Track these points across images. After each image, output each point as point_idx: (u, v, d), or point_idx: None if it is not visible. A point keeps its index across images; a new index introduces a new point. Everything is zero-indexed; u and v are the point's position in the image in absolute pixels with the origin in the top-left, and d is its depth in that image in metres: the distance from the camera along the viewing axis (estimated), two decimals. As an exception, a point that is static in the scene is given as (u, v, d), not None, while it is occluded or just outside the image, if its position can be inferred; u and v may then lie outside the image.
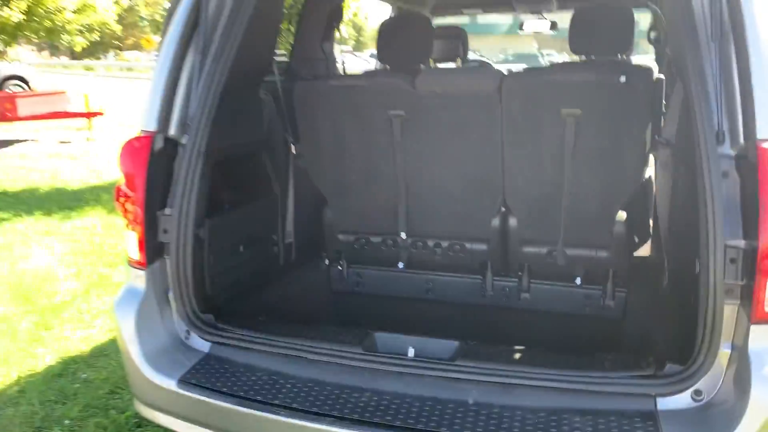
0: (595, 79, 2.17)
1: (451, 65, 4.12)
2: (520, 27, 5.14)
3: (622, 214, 2.36)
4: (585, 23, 2.74)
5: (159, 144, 2.01)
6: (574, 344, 2.19)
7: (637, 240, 2.56)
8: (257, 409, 1.78)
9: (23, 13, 12.62)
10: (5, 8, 12.24)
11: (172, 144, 2.04)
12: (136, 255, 2.02)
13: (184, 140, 2.03)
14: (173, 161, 2.04)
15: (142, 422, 2.62)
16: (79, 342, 3.42)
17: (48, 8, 13.40)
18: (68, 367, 3.14)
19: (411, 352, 1.88)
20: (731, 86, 1.59)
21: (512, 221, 2.45)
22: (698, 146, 1.61)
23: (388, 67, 3.00)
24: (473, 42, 4.65)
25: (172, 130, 2.04)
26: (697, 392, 1.63)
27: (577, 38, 2.73)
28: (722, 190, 1.56)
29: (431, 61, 3.95)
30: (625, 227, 2.36)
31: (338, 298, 2.79)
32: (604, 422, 1.62)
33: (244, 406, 1.80)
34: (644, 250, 2.84)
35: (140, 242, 2.01)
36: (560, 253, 2.38)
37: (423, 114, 2.34)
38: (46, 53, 48.86)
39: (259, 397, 1.81)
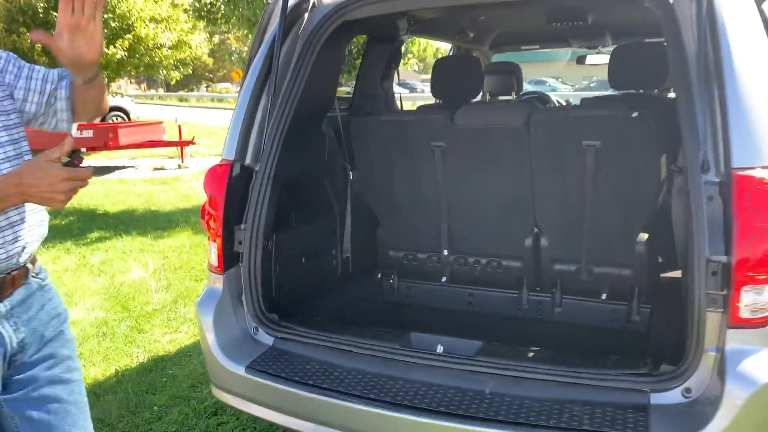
0: (609, 114, 2.44)
1: (506, 98, 4.40)
2: (578, 61, 5.37)
3: (643, 236, 2.58)
4: (621, 61, 3.01)
5: (236, 170, 2.43)
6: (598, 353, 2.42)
7: (660, 260, 2.76)
8: (310, 392, 2.11)
9: (125, 51, 13.77)
10: (111, 47, 13.42)
11: (247, 170, 2.45)
12: (216, 262, 2.43)
13: (257, 167, 2.44)
14: (248, 185, 2.44)
15: (218, 411, 3.02)
16: (168, 344, 3.89)
17: (147, 46, 14.57)
18: (158, 364, 3.60)
19: (440, 349, 2.18)
20: (715, 121, 1.83)
21: (543, 241, 2.72)
22: (686, 174, 1.86)
23: (440, 102, 3.35)
24: (554, 68, 4.87)
25: (248, 159, 2.45)
26: (687, 390, 1.84)
27: (614, 75, 3.00)
28: (705, 213, 1.80)
29: (487, 94, 4.26)
30: (646, 247, 2.57)
31: (389, 307, 3.11)
32: (600, 412, 1.87)
33: (299, 389, 2.13)
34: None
35: (219, 252, 2.42)
36: (584, 270, 2.63)
37: (461, 145, 2.67)
38: (144, 86, 52.07)
39: (311, 382, 2.15)
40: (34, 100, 1.58)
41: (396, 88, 3.74)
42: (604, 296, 2.66)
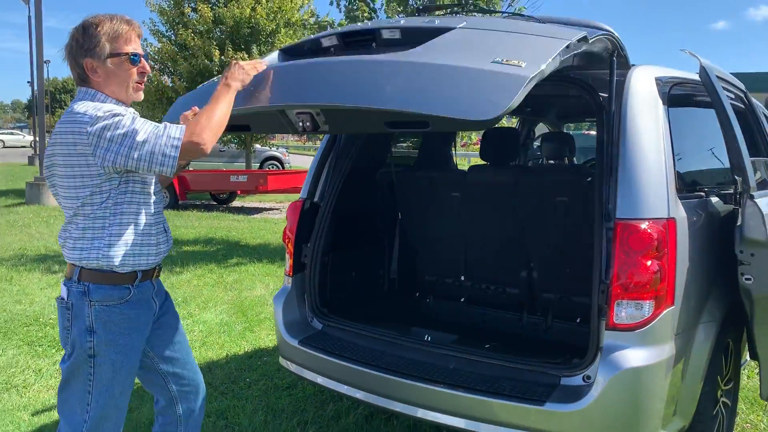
0: (574, 178, 3.21)
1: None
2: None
3: None
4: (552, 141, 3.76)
5: (307, 205, 3.47)
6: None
7: None
8: (343, 361, 3.02)
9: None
10: (269, 105, 15.44)
11: (315, 205, 3.49)
12: (288, 269, 3.47)
13: (321, 204, 3.47)
14: (315, 216, 3.47)
15: (291, 386, 4.03)
16: (269, 342, 4.98)
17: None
18: (257, 353, 4.69)
19: (427, 338, 3.04)
20: (614, 181, 2.57)
21: (534, 274, 3.49)
22: (595, 222, 2.62)
23: (487, 163, 4.23)
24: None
25: (316, 197, 3.49)
26: (587, 376, 2.55)
27: (548, 150, 3.79)
28: (603, 249, 2.54)
29: (544, 159, 5.04)
30: None
31: (418, 317, 3.95)
32: (522, 385, 2.63)
33: (336, 359, 3.05)
34: None
35: (290, 262, 3.45)
36: (565, 299, 3.36)
37: (472, 196, 3.54)
38: (304, 138, 55.96)
39: (345, 354, 3.06)
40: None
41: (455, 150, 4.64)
42: (578, 320, 3.36)
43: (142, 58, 2.24)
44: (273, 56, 2.79)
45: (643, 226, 2.47)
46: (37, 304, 5.97)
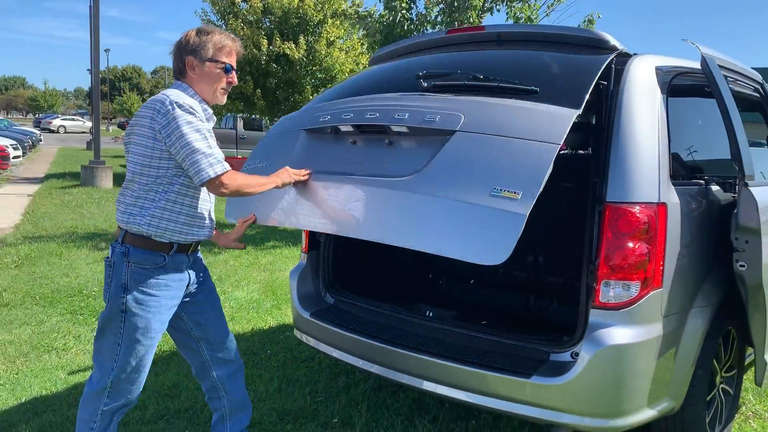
0: (579, 165, 3.28)
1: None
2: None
3: None
4: None
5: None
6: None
7: None
8: (350, 332, 3.18)
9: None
10: (314, 95, 15.72)
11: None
12: (304, 246, 3.65)
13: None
14: None
15: (308, 359, 4.23)
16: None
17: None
18: (281, 329, 4.92)
19: (429, 313, 3.18)
20: (607, 166, 2.65)
21: (540, 258, 3.58)
22: (588, 205, 2.71)
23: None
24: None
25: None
26: (575, 353, 2.65)
27: None
28: (595, 231, 2.63)
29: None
30: None
31: (432, 300, 4.06)
32: (512, 359, 2.75)
33: (344, 331, 3.21)
34: None
35: (306, 240, 3.63)
36: (569, 282, 3.45)
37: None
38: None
39: (352, 327, 3.22)
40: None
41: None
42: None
43: (233, 71, 2.59)
44: (301, 140, 3.10)
45: (632, 209, 2.55)
46: (83, 278, 6.35)
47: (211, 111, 2.59)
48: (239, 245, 2.94)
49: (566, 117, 2.44)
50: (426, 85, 2.87)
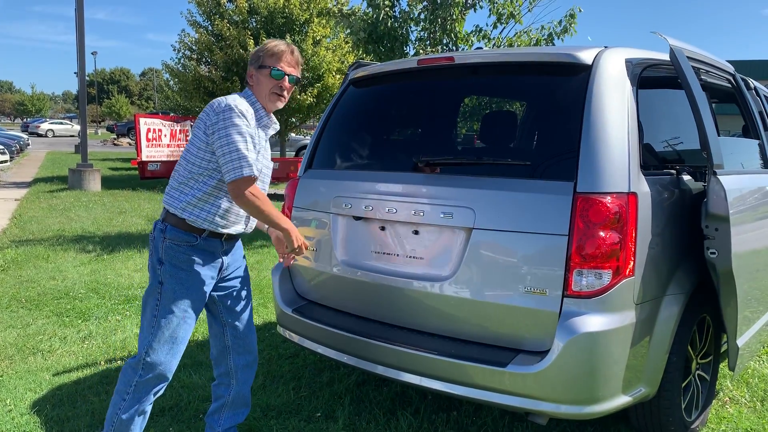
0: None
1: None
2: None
3: None
4: None
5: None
6: None
7: None
8: (326, 326, 3.22)
9: (314, 97, 16.00)
10: (302, 94, 15.73)
11: (311, 184, 3.69)
12: (286, 242, 3.68)
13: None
14: None
15: (293, 355, 4.26)
16: (280, 317, 5.22)
17: (333, 94, 16.77)
18: (266, 326, 4.94)
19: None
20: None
21: None
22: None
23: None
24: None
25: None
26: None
27: None
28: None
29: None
30: None
31: None
32: (489, 351, 2.78)
33: (322, 324, 3.25)
34: None
35: (288, 235, 3.66)
36: None
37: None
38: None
39: (327, 320, 3.26)
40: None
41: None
42: None
43: (286, 77, 2.74)
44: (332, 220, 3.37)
45: (603, 199, 2.60)
46: (69, 281, 6.35)
47: (272, 118, 2.80)
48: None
49: (564, 202, 2.63)
50: (427, 166, 3.09)
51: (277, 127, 2.86)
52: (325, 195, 3.42)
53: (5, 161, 21.60)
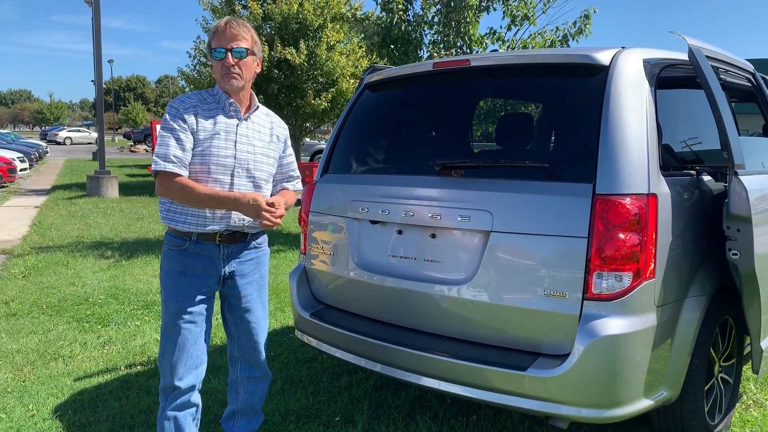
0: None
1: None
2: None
3: None
4: None
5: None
6: None
7: None
8: (344, 330, 3.22)
9: (329, 102, 16.05)
10: (317, 98, 15.78)
11: (328, 188, 3.70)
12: (302, 247, 3.68)
13: (334, 187, 3.68)
14: None
15: (310, 359, 4.26)
16: (297, 321, 5.24)
17: (347, 98, 16.81)
18: (284, 331, 4.95)
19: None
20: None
21: None
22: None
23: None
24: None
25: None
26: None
27: None
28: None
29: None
30: None
31: None
32: (510, 352, 2.76)
33: (340, 328, 3.25)
34: None
35: (304, 242, 3.67)
36: None
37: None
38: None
39: (344, 324, 3.26)
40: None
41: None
42: None
43: (228, 54, 2.55)
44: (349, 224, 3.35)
45: (623, 201, 2.57)
46: (89, 286, 6.41)
47: (249, 101, 2.68)
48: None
49: (583, 204, 2.61)
50: (443, 170, 3.06)
51: (263, 109, 2.75)
52: (341, 199, 3.42)
53: (25, 169, 21.88)
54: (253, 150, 2.66)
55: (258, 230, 2.77)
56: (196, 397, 2.71)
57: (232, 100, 2.63)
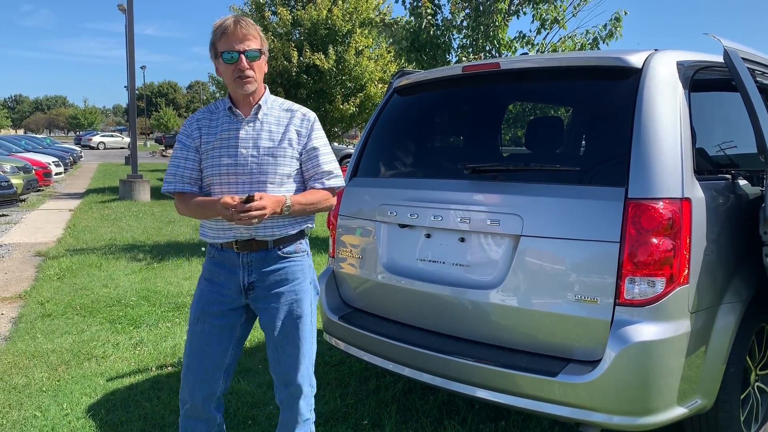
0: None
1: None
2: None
3: None
4: None
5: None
6: None
7: None
8: (372, 333, 3.23)
9: (357, 107, 16.11)
10: (345, 104, 15.85)
11: (357, 192, 3.71)
12: (331, 251, 3.70)
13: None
14: None
15: (339, 362, 4.27)
16: (325, 325, 5.25)
17: (376, 103, 16.85)
18: (313, 334, 4.96)
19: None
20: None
21: None
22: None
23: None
24: None
25: (358, 185, 3.72)
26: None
27: None
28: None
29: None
30: None
31: None
32: (539, 360, 2.73)
33: (368, 332, 3.26)
34: None
35: (333, 245, 3.69)
36: None
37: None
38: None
39: (372, 328, 3.27)
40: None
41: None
42: None
43: (242, 57, 2.39)
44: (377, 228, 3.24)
45: (655, 205, 2.54)
46: (121, 288, 6.52)
47: (260, 101, 2.49)
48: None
49: (615, 208, 2.58)
50: (473, 173, 3.07)
51: (282, 104, 2.57)
52: (370, 203, 3.43)
53: (60, 173, 22.36)
54: (258, 153, 2.46)
55: (278, 237, 2.49)
56: (207, 413, 2.54)
57: (230, 105, 2.50)
